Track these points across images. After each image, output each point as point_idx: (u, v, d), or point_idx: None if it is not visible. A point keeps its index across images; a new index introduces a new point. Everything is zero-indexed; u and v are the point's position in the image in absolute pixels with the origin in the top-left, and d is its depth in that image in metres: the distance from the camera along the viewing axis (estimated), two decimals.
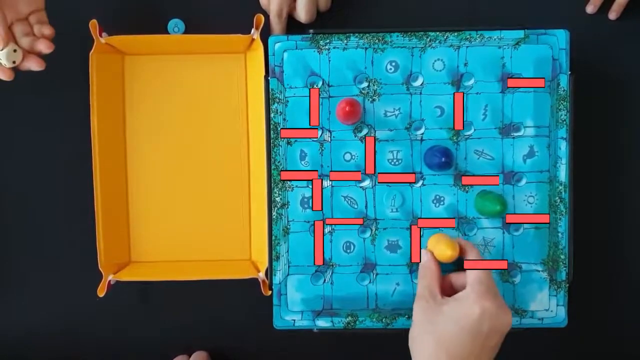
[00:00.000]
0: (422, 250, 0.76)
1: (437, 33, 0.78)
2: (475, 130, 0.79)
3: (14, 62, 0.77)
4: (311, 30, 0.79)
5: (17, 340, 0.88)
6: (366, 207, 0.80)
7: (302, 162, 0.80)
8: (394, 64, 0.79)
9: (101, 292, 0.80)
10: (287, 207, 0.80)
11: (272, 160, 0.79)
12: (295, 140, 0.79)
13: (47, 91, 0.86)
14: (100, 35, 0.80)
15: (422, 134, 0.79)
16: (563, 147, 0.78)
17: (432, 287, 0.72)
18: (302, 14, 0.81)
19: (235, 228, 0.86)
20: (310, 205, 0.80)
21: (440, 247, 0.74)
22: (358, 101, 0.76)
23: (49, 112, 0.86)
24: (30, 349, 0.88)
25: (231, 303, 0.87)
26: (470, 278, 0.71)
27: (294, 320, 0.80)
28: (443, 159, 0.76)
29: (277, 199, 0.79)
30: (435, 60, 0.79)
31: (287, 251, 0.80)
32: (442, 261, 0.74)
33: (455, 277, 0.74)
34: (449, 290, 0.74)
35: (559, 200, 0.79)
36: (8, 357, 0.88)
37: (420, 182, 0.80)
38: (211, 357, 0.86)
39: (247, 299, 0.85)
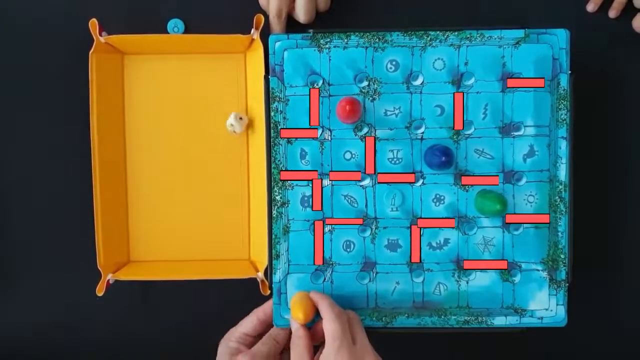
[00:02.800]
0: (291, 320, 0.77)
1: (438, 32, 0.78)
2: (475, 129, 0.79)
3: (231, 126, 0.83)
4: (311, 30, 0.79)
5: (17, 339, 0.88)
6: (366, 205, 0.80)
7: (303, 161, 0.80)
8: (394, 63, 0.79)
9: (100, 291, 0.80)
10: (287, 206, 0.80)
11: (273, 159, 0.79)
12: (296, 139, 0.79)
13: (47, 91, 0.86)
14: (100, 35, 0.80)
15: (423, 133, 0.79)
16: (563, 146, 0.78)
17: (302, 356, 0.73)
18: (301, 14, 0.82)
19: (234, 228, 0.86)
20: (311, 204, 0.79)
21: (293, 312, 0.75)
22: (358, 100, 0.76)
23: (49, 111, 0.86)
24: (29, 347, 0.88)
25: (231, 303, 0.87)
26: (326, 335, 0.72)
27: None
28: (443, 158, 0.76)
29: (277, 197, 0.79)
30: (435, 60, 0.79)
31: (287, 250, 0.80)
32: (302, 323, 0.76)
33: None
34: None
35: (559, 200, 0.79)
36: (8, 356, 0.87)
37: (421, 181, 0.80)
38: None
39: (247, 298, 0.85)
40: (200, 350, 0.87)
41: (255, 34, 0.80)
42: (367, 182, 0.80)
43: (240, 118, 0.83)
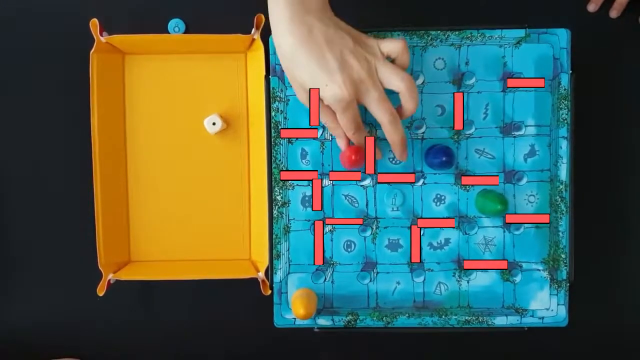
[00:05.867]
0: None
1: (438, 32, 0.78)
2: (476, 129, 0.79)
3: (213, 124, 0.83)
4: None
5: (18, 338, 0.87)
6: (367, 205, 0.80)
7: (303, 161, 0.80)
8: None
9: (101, 291, 0.80)
10: (288, 206, 0.80)
11: (273, 158, 0.79)
12: (297, 139, 0.79)
13: (47, 90, 0.86)
14: (101, 35, 0.80)
15: (423, 132, 0.79)
16: (564, 146, 0.78)
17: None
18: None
19: (235, 228, 0.86)
20: (311, 204, 0.79)
21: (294, 308, 0.76)
22: (362, 149, 0.75)
23: (49, 111, 0.86)
24: (30, 347, 0.87)
25: (231, 303, 0.87)
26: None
27: (295, 318, 0.79)
28: (444, 158, 0.76)
29: (278, 197, 0.79)
30: (436, 59, 0.79)
31: (288, 250, 0.80)
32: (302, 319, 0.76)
33: None
34: None
35: (559, 200, 0.79)
36: (8, 356, 0.87)
37: (421, 181, 0.80)
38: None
39: (247, 298, 0.85)
40: (200, 350, 0.87)
41: (255, 33, 0.80)
42: (367, 182, 0.80)
43: (214, 123, 0.83)
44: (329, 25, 0.69)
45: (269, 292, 0.81)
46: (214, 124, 0.83)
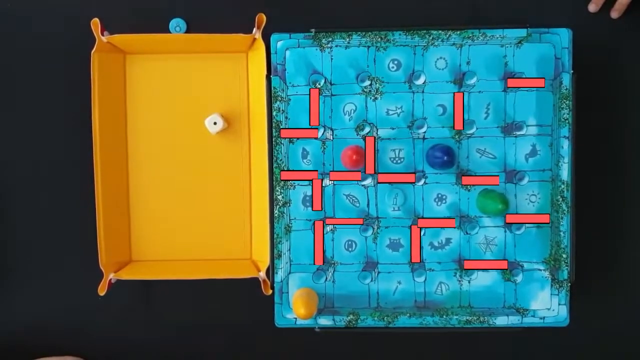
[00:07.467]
0: None
1: (440, 31, 0.78)
2: (477, 129, 0.79)
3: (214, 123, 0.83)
4: (313, 29, 0.78)
5: (19, 338, 0.87)
6: (368, 205, 0.80)
7: (304, 161, 0.79)
8: (396, 62, 0.79)
9: (102, 290, 0.80)
10: (289, 205, 0.80)
11: (274, 158, 0.79)
12: (297, 139, 0.79)
13: (47, 90, 0.86)
14: (102, 34, 0.80)
15: (425, 132, 0.79)
16: (565, 146, 0.78)
17: None
18: None
19: (236, 227, 0.86)
20: (312, 204, 0.79)
21: (295, 308, 0.77)
22: (362, 149, 0.76)
23: (50, 111, 0.86)
24: (31, 346, 0.87)
25: (232, 303, 0.87)
26: None
27: (296, 318, 0.79)
28: (445, 158, 0.76)
29: (279, 197, 0.79)
30: (437, 59, 0.79)
31: (289, 249, 0.80)
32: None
33: None
34: None
35: (561, 199, 0.79)
36: (9, 355, 0.87)
37: (422, 181, 0.80)
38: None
39: (248, 298, 0.85)
40: (200, 350, 0.87)
41: (257, 33, 0.80)
42: (368, 181, 0.80)
43: (215, 123, 0.83)
44: None
45: (270, 291, 0.81)
46: (215, 123, 0.83)
